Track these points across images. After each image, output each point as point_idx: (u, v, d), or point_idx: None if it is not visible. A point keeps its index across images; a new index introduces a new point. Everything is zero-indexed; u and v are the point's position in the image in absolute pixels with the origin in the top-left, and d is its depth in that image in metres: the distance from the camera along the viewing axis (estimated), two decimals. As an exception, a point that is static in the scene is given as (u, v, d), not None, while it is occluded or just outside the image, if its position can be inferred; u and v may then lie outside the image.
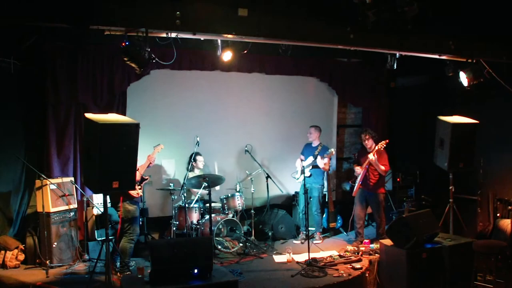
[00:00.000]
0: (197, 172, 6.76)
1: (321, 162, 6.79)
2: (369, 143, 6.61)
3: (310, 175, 6.81)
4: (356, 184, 6.72)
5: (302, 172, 6.94)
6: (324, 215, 7.36)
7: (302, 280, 5.39)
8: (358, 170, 6.71)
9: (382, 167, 6.44)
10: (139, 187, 5.73)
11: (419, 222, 5.36)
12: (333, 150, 6.85)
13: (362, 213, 6.79)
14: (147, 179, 5.96)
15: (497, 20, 5.88)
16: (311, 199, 6.94)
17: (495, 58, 6.25)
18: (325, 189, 7.31)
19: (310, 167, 6.82)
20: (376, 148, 6.40)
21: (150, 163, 5.95)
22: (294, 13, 5.38)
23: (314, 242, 6.77)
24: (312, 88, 8.13)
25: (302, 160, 6.85)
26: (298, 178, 7.09)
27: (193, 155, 6.65)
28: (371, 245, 6.33)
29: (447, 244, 5.43)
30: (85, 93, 6.23)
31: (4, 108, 5.79)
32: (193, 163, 6.69)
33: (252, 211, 6.78)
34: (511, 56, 6.25)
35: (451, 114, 6.18)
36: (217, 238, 6.46)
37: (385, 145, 6.39)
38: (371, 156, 6.39)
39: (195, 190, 6.58)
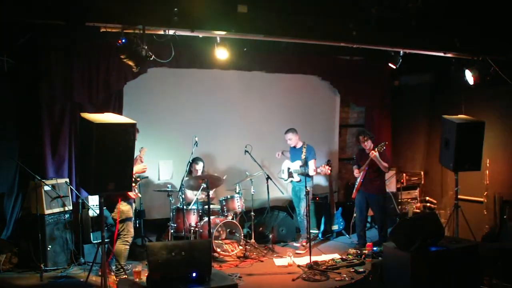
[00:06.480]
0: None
1: (311, 169, 6.55)
2: (367, 144, 6.52)
3: (300, 180, 6.63)
4: (356, 186, 6.61)
5: (290, 175, 6.78)
6: (323, 218, 7.26)
7: (303, 284, 5.30)
8: (357, 173, 6.61)
9: (385, 164, 6.36)
10: (135, 185, 5.62)
11: (424, 224, 5.25)
12: (327, 169, 6.57)
13: (364, 215, 6.69)
14: (138, 180, 5.84)
15: (503, 17, 5.76)
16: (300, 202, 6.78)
17: (502, 56, 6.12)
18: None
19: (299, 173, 6.63)
20: (376, 150, 6.27)
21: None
22: (295, 9, 5.31)
23: (296, 251, 6.47)
24: (314, 87, 8.02)
25: (285, 156, 6.69)
26: (286, 179, 6.94)
27: (193, 158, 6.50)
28: (374, 248, 6.21)
29: (452, 247, 5.31)
30: (80, 92, 6.13)
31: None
32: (191, 167, 6.55)
33: (252, 213, 6.66)
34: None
35: (456, 113, 6.09)
36: (216, 241, 6.35)
37: (384, 148, 6.32)
38: (372, 154, 6.25)
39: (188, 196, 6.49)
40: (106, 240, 4.66)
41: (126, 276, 5.29)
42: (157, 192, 6.57)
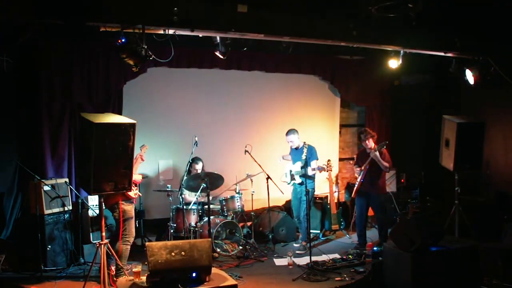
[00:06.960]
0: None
1: (309, 169, 6.46)
2: (369, 143, 6.48)
3: (302, 182, 6.53)
4: (356, 186, 6.59)
5: (292, 177, 6.75)
6: (324, 218, 7.23)
7: (303, 284, 5.29)
8: (357, 173, 6.59)
9: (386, 164, 6.32)
10: (136, 187, 5.60)
11: (424, 224, 5.24)
12: (324, 167, 6.54)
13: (364, 215, 6.66)
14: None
15: (504, 16, 5.76)
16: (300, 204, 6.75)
17: (502, 56, 6.11)
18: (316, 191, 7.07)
19: (300, 174, 6.58)
20: (377, 149, 6.26)
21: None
22: (295, 9, 5.29)
23: (296, 251, 6.46)
24: (314, 87, 8.01)
25: (286, 160, 6.66)
26: (289, 183, 6.91)
27: (193, 158, 6.49)
28: (374, 248, 6.19)
29: (452, 247, 5.30)
30: (80, 91, 6.12)
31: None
32: (191, 167, 6.53)
33: (252, 213, 6.64)
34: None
35: (457, 113, 6.08)
36: (216, 241, 6.34)
37: (385, 146, 6.30)
38: (373, 153, 6.24)
39: (187, 197, 6.50)
40: (106, 240, 4.67)
41: (126, 276, 5.28)
42: (157, 192, 6.57)
